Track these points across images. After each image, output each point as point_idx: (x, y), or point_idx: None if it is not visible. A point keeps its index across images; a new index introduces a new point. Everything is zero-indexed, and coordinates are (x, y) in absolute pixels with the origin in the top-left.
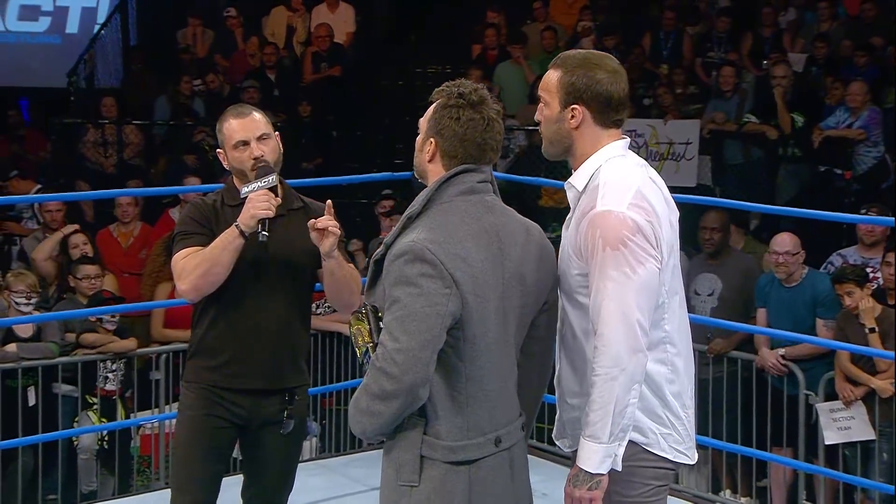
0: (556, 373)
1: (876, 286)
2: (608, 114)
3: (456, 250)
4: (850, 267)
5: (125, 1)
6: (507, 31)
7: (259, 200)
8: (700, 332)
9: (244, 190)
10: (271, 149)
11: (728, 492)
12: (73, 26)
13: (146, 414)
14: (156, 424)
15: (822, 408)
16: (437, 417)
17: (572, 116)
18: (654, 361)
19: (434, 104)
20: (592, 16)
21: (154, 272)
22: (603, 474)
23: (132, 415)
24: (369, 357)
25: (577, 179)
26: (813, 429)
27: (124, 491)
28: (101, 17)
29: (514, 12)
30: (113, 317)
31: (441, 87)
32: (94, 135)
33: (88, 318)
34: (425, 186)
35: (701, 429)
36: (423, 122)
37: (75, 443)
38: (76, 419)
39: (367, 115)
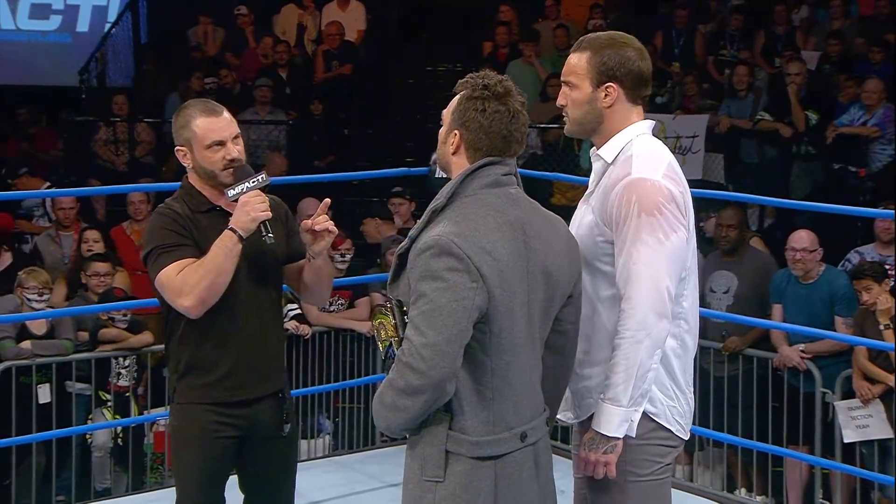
0: None
1: (894, 283)
2: (639, 90)
3: (482, 244)
4: (868, 263)
5: None
6: (518, 29)
7: (256, 202)
8: (716, 330)
9: (232, 192)
10: (242, 149)
11: (743, 490)
12: (83, 25)
13: (160, 410)
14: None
15: (840, 406)
16: (462, 412)
17: (606, 95)
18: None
19: (458, 96)
20: (604, 13)
21: None
22: (619, 438)
23: (146, 412)
24: (393, 352)
25: (607, 151)
26: (829, 427)
27: (138, 488)
28: (112, 16)
29: (525, 10)
30: (125, 315)
31: (465, 79)
32: (105, 133)
33: (100, 316)
34: (441, 181)
35: (716, 426)
36: (447, 114)
37: (89, 440)
38: (90, 416)
39: (378, 114)
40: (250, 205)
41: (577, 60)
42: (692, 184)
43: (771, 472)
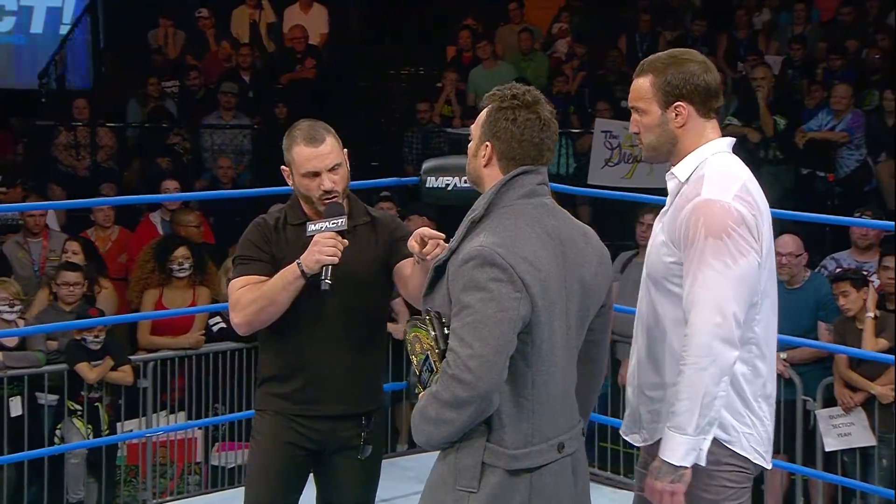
0: (631, 366)
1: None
2: (709, 103)
3: (524, 254)
4: (851, 270)
5: (94, 2)
6: (482, 33)
7: (326, 245)
8: None
9: (311, 228)
10: (342, 177)
11: None
12: (37, 26)
13: (133, 422)
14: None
15: (822, 414)
16: (501, 425)
17: (677, 115)
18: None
19: (486, 109)
20: (568, 17)
21: (141, 279)
22: (686, 467)
23: (119, 423)
24: (430, 365)
25: (681, 170)
26: (810, 435)
27: (111, 502)
28: (67, 18)
29: (489, 14)
30: (96, 336)
31: (492, 92)
32: (66, 137)
33: (73, 334)
34: (434, 191)
35: None
36: (476, 128)
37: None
38: (59, 426)
39: (342, 118)
40: (319, 245)
41: (641, 85)
42: (658, 193)
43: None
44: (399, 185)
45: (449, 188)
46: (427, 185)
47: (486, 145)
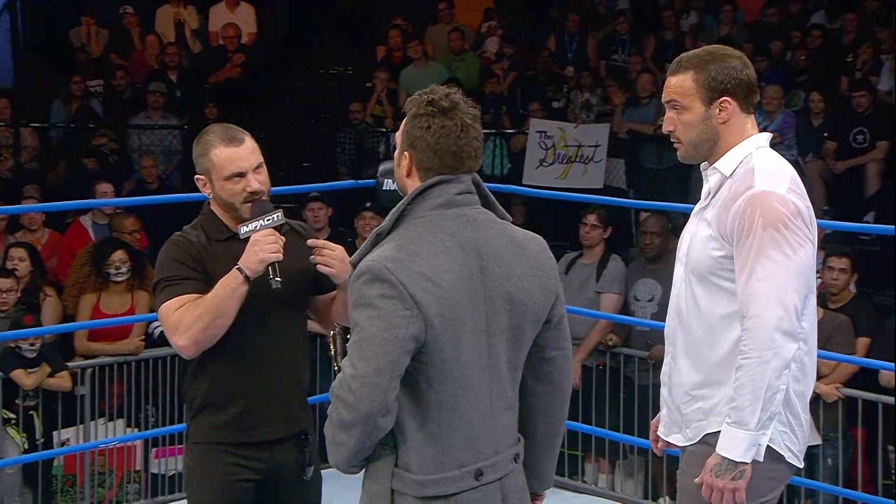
0: (666, 365)
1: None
2: (751, 98)
3: (421, 269)
4: None
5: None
6: (412, 33)
7: (267, 242)
8: (641, 339)
9: (244, 229)
10: (264, 179)
11: (667, 498)
12: None
13: (70, 430)
14: (80, 442)
15: None
16: (406, 448)
17: (721, 111)
18: None
19: (407, 115)
20: (497, 17)
21: (77, 283)
22: (747, 463)
23: (55, 432)
24: None
25: (725, 164)
26: None
27: None
28: None
29: (418, 14)
30: (32, 344)
31: (411, 97)
32: None
33: (8, 344)
34: (391, 193)
35: (641, 433)
36: (398, 135)
37: None
38: None
39: (273, 118)
40: (260, 244)
41: (681, 81)
42: (594, 194)
43: None
44: (360, 188)
45: None
46: (384, 188)
47: (405, 155)
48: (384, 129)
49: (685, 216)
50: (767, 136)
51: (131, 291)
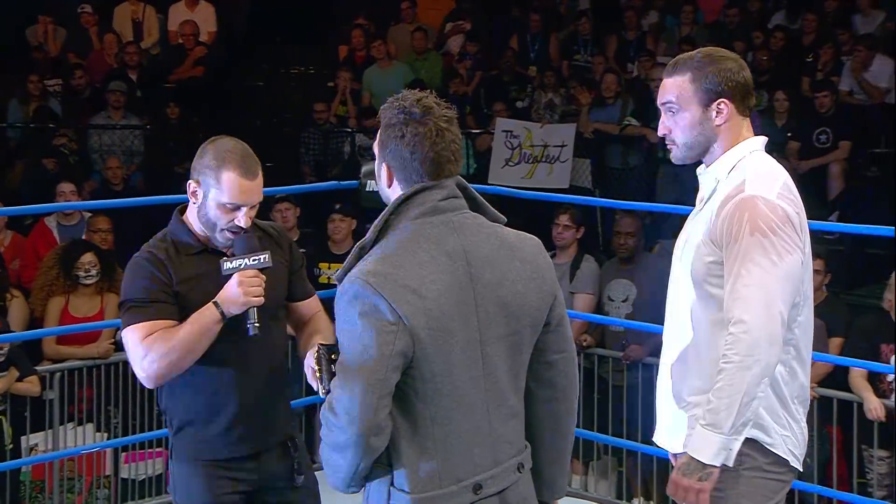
0: (663, 371)
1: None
2: (747, 100)
3: (406, 281)
4: None
5: None
6: (374, 33)
7: (251, 284)
8: (615, 339)
9: (228, 265)
10: (252, 215)
11: (641, 499)
12: None
13: (39, 435)
14: (49, 447)
15: None
16: (402, 466)
17: (718, 113)
18: None
19: (380, 125)
20: (459, 17)
21: (45, 286)
22: (716, 466)
23: (24, 437)
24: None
25: (719, 167)
26: None
27: None
28: None
29: (380, 13)
30: (0, 348)
31: (384, 105)
32: None
33: None
34: (374, 194)
35: (615, 434)
36: (375, 146)
37: None
38: None
39: (235, 118)
40: (244, 286)
41: (677, 83)
42: (560, 194)
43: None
44: (342, 189)
45: None
46: (367, 189)
47: (384, 166)
48: (349, 129)
49: (651, 216)
50: (762, 139)
51: (101, 294)
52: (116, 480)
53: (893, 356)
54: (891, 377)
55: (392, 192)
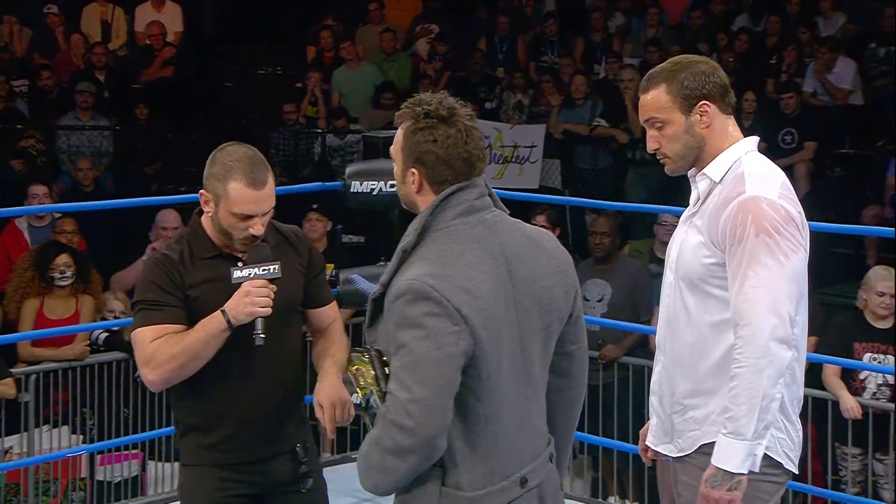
0: (656, 374)
1: None
2: (727, 98)
3: (460, 282)
4: None
5: None
6: (342, 34)
7: (259, 294)
8: (591, 339)
9: (237, 274)
10: (266, 221)
11: (617, 497)
12: None
13: (14, 438)
14: (24, 450)
15: None
16: (455, 466)
17: (702, 116)
18: None
19: (401, 129)
20: (426, 18)
21: (20, 288)
22: (744, 474)
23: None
24: (375, 402)
25: (714, 169)
26: None
27: None
28: None
29: (348, 14)
30: None
31: (402, 110)
32: None
33: None
34: (359, 196)
35: (591, 431)
36: (396, 152)
37: None
38: None
39: (202, 118)
40: (251, 296)
41: (655, 97)
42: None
43: (647, 478)
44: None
45: (374, 192)
46: (351, 190)
47: (413, 172)
48: (319, 130)
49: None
50: (755, 139)
51: (76, 296)
52: (92, 482)
53: (868, 355)
54: (863, 375)
55: (421, 197)
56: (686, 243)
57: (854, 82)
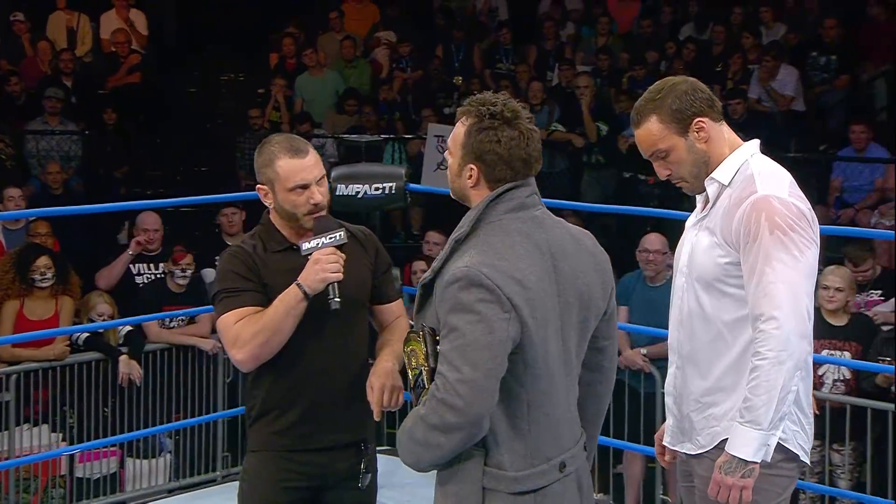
0: (671, 374)
1: None
2: (716, 107)
3: (511, 272)
4: None
5: None
6: (304, 41)
7: (329, 261)
8: None
9: (306, 246)
10: (325, 191)
11: (601, 494)
12: None
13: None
14: (4, 449)
15: None
16: (498, 447)
17: (699, 131)
18: None
19: (463, 125)
20: (384, 26)
21: (0, 290)
22: (757, 462)
23: None
24: (423, 381)
25: (722, 173)
26: None
27: None
28: None
29: (308, 22)
30: None
31: (465, 106)
32: None
33: None
34: (344, 198)
35: None
36: (455, 147)
37: None
38: None
39: (166, 123)
40: (321, 263)
41: (649, 130)
42: None
43: (612, 472)
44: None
45: (359, 196)
46: (336, 193)
47: (472, 168)
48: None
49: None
50: (756, 142)
51: (55, 297)
52: (72, 480)
53: (825, 351)
54: (822, 370)
55: (475, 192)
56: (698, 246)
57: (796, 89)
